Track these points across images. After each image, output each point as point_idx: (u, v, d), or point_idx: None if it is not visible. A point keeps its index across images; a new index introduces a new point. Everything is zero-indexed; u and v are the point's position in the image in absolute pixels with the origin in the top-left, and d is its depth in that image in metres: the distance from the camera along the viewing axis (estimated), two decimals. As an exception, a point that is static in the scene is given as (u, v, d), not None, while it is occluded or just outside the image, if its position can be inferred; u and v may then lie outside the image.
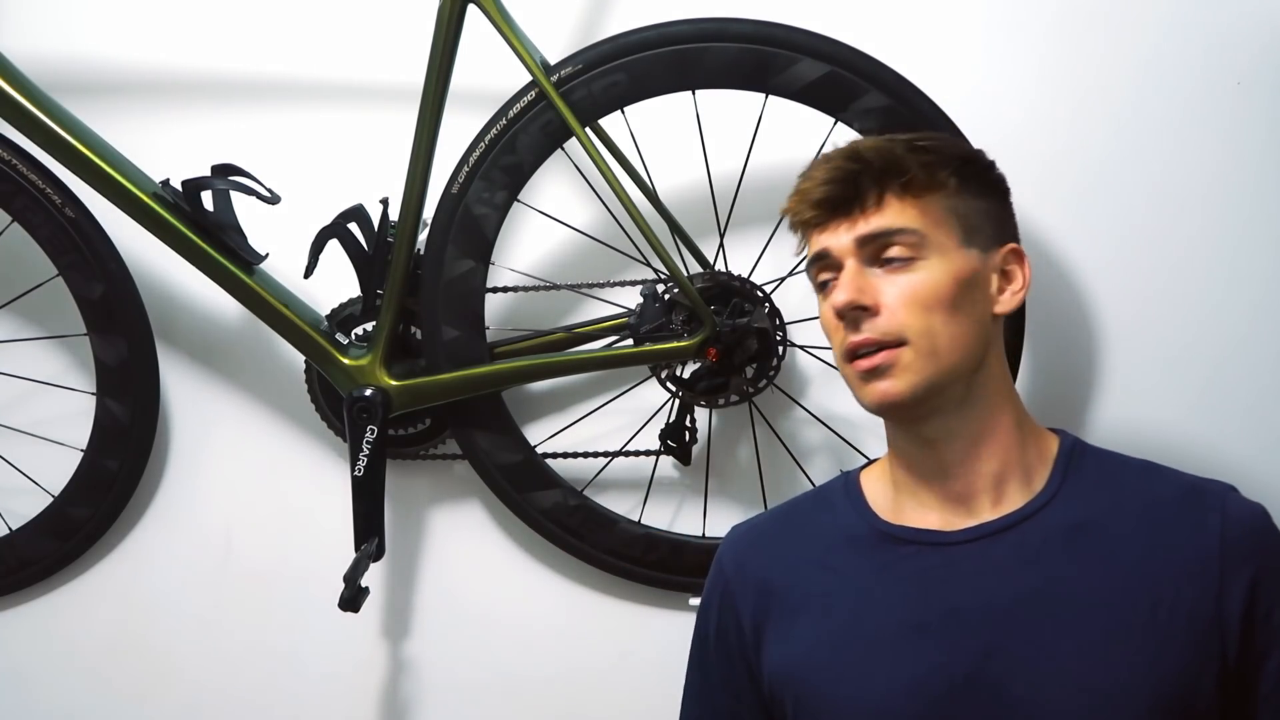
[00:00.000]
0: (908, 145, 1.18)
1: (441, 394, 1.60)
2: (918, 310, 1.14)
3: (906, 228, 1.15)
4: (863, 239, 1.16)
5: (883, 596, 1.18)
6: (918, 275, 1.15)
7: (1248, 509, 1.16)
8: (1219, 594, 1.11)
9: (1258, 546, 1.13)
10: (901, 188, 1.16)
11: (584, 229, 1.66)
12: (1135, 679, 1.10)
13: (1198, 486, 1.18)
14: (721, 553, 1.32)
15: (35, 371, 1.78)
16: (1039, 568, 1.14)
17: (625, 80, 1.52)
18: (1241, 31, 1.55)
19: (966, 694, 1.12)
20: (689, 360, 1.57)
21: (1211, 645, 1.11)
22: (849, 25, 1.52)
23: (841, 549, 1.23)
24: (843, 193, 1.17)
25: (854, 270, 1.16)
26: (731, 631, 1.27)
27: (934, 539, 1.18)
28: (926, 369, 1.14)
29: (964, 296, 1.16)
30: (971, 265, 1.17)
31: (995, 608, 1.13)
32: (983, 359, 1.18)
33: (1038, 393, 1.58)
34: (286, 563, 1.76)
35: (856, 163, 1.17)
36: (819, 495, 1.32)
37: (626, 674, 1.70)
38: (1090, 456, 1.21)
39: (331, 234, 1.57)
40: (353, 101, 1.71)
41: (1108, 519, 1.16)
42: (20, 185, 1.62)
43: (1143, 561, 1.13)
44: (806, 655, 1.20)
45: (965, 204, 1.18)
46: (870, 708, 1.15)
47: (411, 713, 1.74)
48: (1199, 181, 1.57)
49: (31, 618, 1.81)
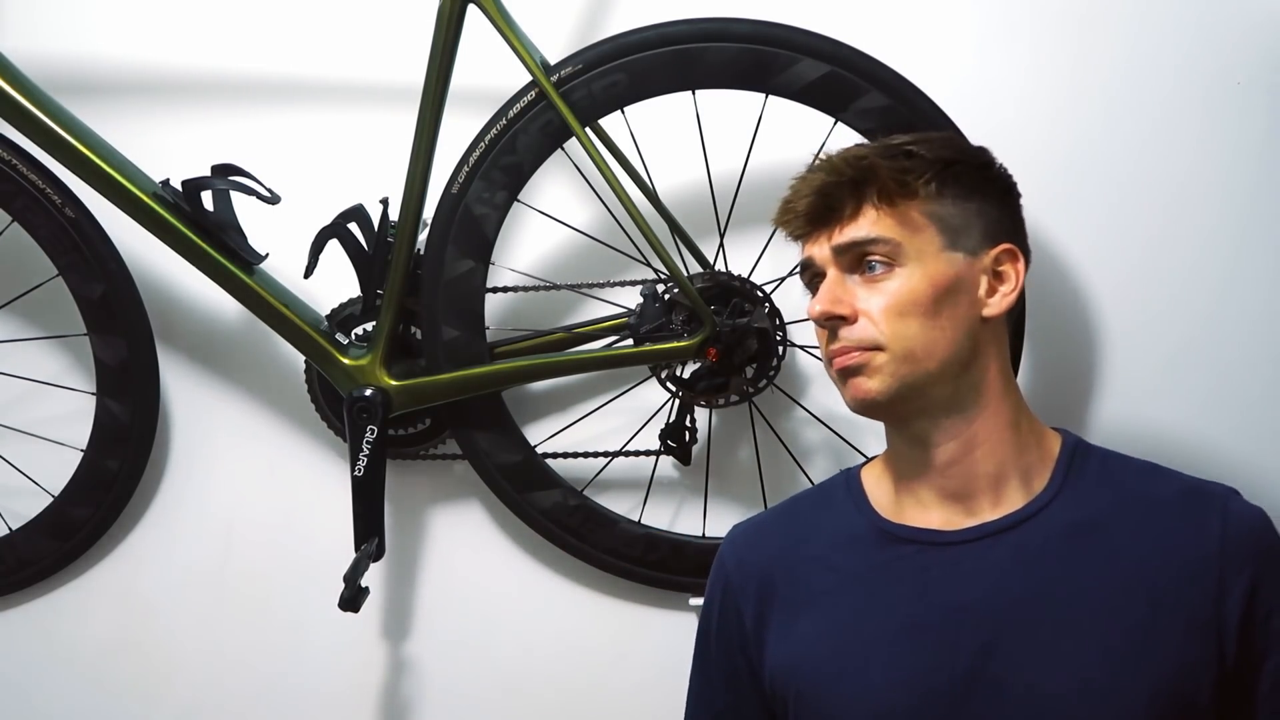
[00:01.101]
0: (885, 152, 1.19)
1: (441, 394, 1.60)
2: (893, 318, 1.16)
3: (880, 237, 1.17)
4: (838, 248, 1.19)
5: (884, 595, 1.19)
6: (893, 283, 1.16)
7: (1249, 512, 1.16)
8: (1218, 596, 1.11)
9: (1258, 550, 1.14)
10: (877, 197, 1.17)
11: (584, 229, 1.67)
12: (1134, 679, 1.10)
13: (1199, 489, 1.18)
14: (723, 551, 1.32)
15: (35, 371, 1.78)
16: (1039, 569, 1.15)
17: (625, 80, 1.52)
18: (1241, 31, 1.55)
19: (966, 693, 1.13)
20: (689, 360, 1.57)
21: (1210, 647, 1.11)
22: (849, 25, 1.52)
23: (843, 547, 1.23)
24: (822, 204, 1.20)
25: (834, 279, 1.19)
26: (733, 629, 1.27)
27: (935, 538, 1.19)
28: (901, 371, 1.15)
29: (944, 301, 1.16)
30: (954, 269, 1.17)
31: (996, 607, 1.14)
32: (970, 361, 1.18)
33: (1038, 393, 1.58)
34: (286, 563, 1.76)
35: (833, 175, 1.19)
36: (820, 493, 1.32)
37: (626, 674, 1.70)
38: (1093, 457, 1.22)
39: (331, 234, 1.57)
40: (353, 101, 1.71)
41: (1108, 521, 1.16)
42: (20, 185, 1.62)
43: (1143, 563, 1.13)
44: (807, 653, 1.21)
45: (948, 207, 1.18)
46: (871, 705, 1.16)
47: (411, 712, 1.74)
48: (1199, 181, 1.57)
49: (31, 618, 1.81)
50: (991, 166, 1.23)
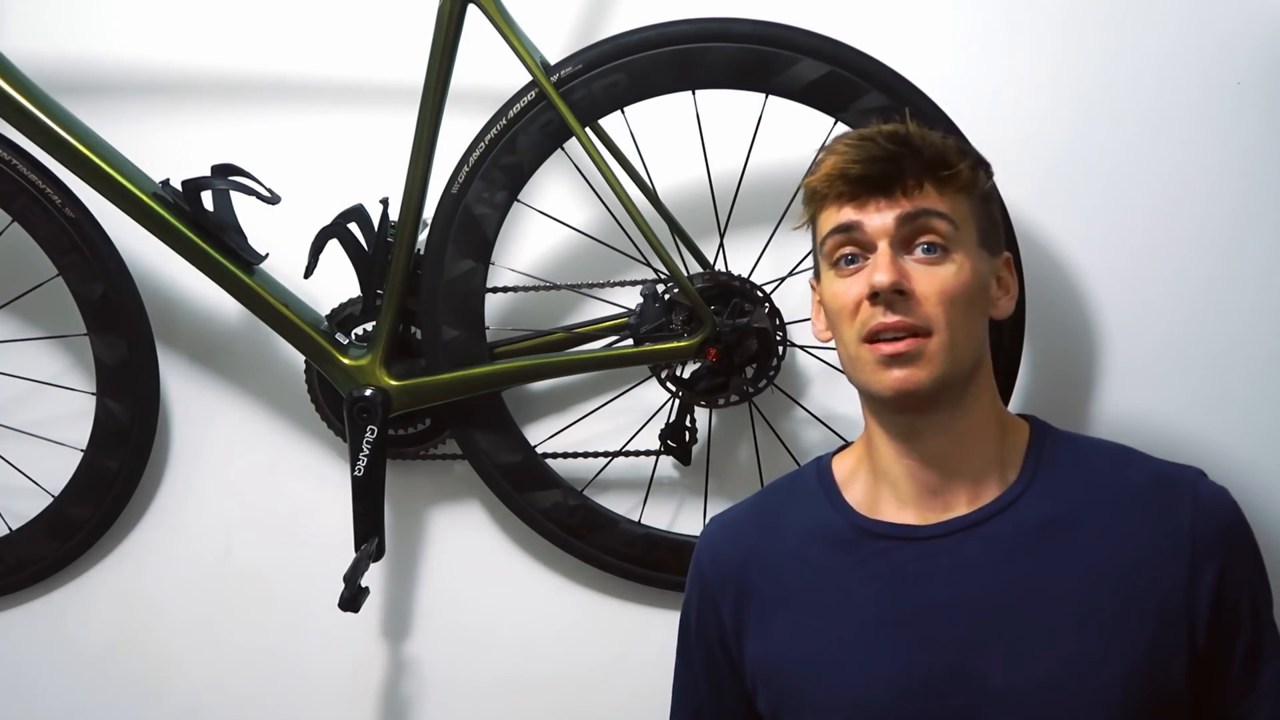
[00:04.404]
0: (956, 146, 1.20)
1: (441, 394, 1.60)
2: (948, 303, 1.15)
3: (949, 214, 1.16)
4: (905, 216, 1.15)
5: (860, 591, 1.19)
6: (949, 268, 1.16)
7: (1217, 496, 1.17)
8: (1189, 583, 1.13)
9: (1225, 535, 1.15)
10: (942, 181, 1.17)
11: (584, 229, 1.67)
12: (1108, 668, 1.11)
13: (1167, 474, 1.19)
14: (699, 548, 1.33)
15: (35, 371, 1.78)
16: (1012, 562, 1.16)
17: (625, 80, 1.52)
18: (1241, 31, 1.55)
19: (943, 687, 1.14)
20: (689, 360, 1.57)
21: (1181, 633, 1.12)
22: (849, 25, 1.52)
23: (817, 543, 1.23)
24: (885, 171, 1.16)
25: (889, 254, 1.15)
26: (712, 626, 1.28)
27: (909, 534, 1.19)
28: (946, 361, 1.15)
29: (980, 296, 1.18)
30: (984, 267, 1.19)
31: (971, 601, 1.15)
32: (981, 358, 1.20)
33: (1038, 391, 1.59)
34: (286, 563, 1.76)
35: (903, 146, 1.17)
36: (792, 484, 1.32)
37: (626, 674, 1.70)
38: (1063, 445, 1.23)
39: (331, 234, 1.57)
40: (353, 101, 1.71)
41: (1079, 510, 1.17)
42: (20, 185, 1.62)
43: (1114, 552, 1.15)
44: (785, 650, 1.21)
45: (985, 209, 1.21)
46: (849, 701, 1.17)
47: (411, 712, 1.75)
48: (1198, 181, 1.57)
49: (31, 618, 1.81)
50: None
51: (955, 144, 1.22)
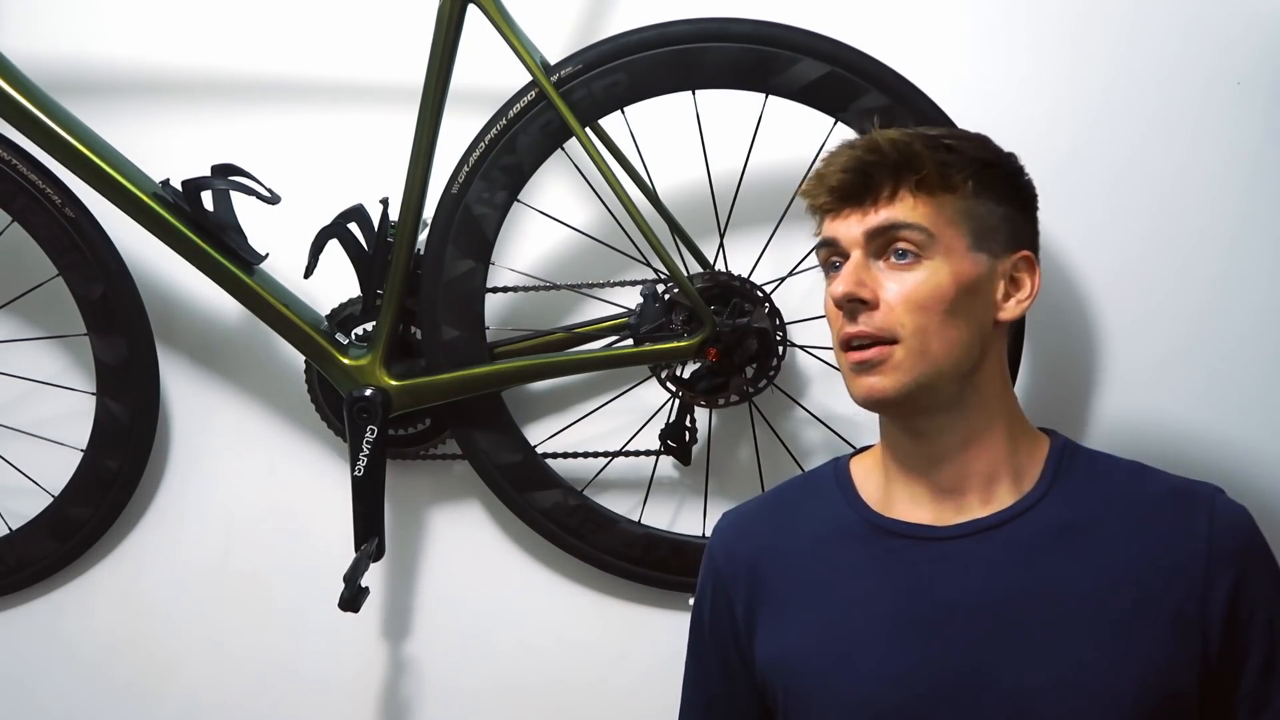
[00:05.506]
0: (929, 142, 1.18)
1: (441, 394, 1.60)
2: (914, 310, 1.14)
3: (915, 224, 1.15)
4: (870, 231, 1.16)
5: (873, 589, 1.19)
6: (919, 274, 1.15)
7: (1234, 512, 1.17)
8: (1204, 595, 1.12)
9: (1242, 550, 1.15)
10: (916, 184, 1.16)
11: (584, 229, 1.67)
12: (1120, 676, 1.11)
13: (1186, 488, 1.19)
14: (712, 543, 1.32)
15: (35, 371, 1.78)
16: (1028, 565, 1.15)
17: (625, 80, 1.52)
18: (1241, 31, 1.55)
19: (954, 687, 1.13)
20: (689, 360, 1.57)
21: (1194, 644, 1.12)
22: (849, 25, 1.52)
23: (832, 540, 1.23)
24: (857, 182, 1.17)
25: (858, 262, 1.16)
26: (724, 621, 1.28)
27: (925, 533, 1.19)
28: (916, 368, 1.14)
29: (965, 300, 1.16)
30: (978, 270, 1.17)
31: (984, 603, 1.14)
32: (979, 363, 1.18)
33: (1038, 393, 1.58)
34: (286, 563, 1.76)
35: (874, 154, 1.17)
36: (808, 482, 1.32)
37: (626, 674, 1.70)
38: (1081, 457, 1.22)
39: (331, 234, 1.57)
40: (353, 101, 1.71)
41: (1096, 519, 1.17)
42: (20, 185, 1.62)
43: (1130, 561, 1.14)
44: (797, 646, 1.21)
45: (981, 207, 1.18)
46: (859, 699, 1.16)
47: (411, 713, 1.75)
48: (1199, 181, 1.57)
49: (31, 618, 1.81)
50: (1022, 175, 1.23)
51: (942, 144, 1.18)
